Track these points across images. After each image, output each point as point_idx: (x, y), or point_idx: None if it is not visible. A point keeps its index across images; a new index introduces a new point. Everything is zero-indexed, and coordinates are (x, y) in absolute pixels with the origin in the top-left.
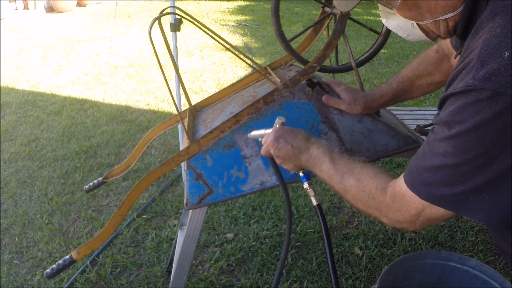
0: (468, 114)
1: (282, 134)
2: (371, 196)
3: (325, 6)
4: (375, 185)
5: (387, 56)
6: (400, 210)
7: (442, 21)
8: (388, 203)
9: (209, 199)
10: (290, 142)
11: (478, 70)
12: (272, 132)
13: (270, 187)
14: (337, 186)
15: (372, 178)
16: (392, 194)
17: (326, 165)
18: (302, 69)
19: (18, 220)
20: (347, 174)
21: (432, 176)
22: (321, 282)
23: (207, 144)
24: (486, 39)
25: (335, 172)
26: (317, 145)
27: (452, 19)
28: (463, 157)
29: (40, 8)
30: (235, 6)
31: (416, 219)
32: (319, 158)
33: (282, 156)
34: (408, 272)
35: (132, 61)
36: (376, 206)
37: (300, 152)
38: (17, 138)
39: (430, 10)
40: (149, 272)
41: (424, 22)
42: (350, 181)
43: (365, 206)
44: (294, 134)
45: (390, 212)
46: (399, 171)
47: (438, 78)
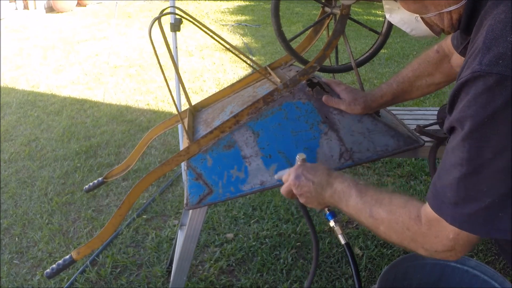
0: (479, 106)
1: (302, 171)
2: (405, 227)
3: (325, 6)
4: (408, 215)
5: (387, 56)
6: (438, 236)
7: (446, 14)
8: (424, 231)
9: (209, 199)
10: (311, 179)
11: (484, 55)
12: (293, 170)
13: (270, 187)
14: (367, 221)
15: (403, 208)
16: (426, 221)
17: (353, 199)
18: (302, 69)
19: (18, 220)
20: (376, 206)
21: (456, 193)
22: (321, 282)
23: (207, 144)
24: (491, 25)
25: (363, 205)
26: (341, 179)
27: (456, 12)
28: (481, 157)
29: (40, 8)
30: (235, 6)
31: (455, 243)
32: (345, 192)
33: (305, 194)
34: (408, 272)
35: (132, 61)
36: (412, 236)
37: (323, 188)
38: (17, 138)
39: (434, 3)
40: (149, 272)
41: (428, 15)
42: (381, 214)
43: (399, 238)
44: (314, 170)
45: (427, 242)
46: (398, 171)
47: (438, 79)
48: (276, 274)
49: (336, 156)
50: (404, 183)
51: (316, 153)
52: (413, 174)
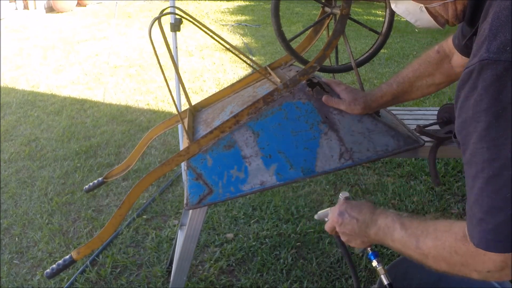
0: (491, 97)
1: (346, 209)
2: (453, 250)
3: (325, 6)
4: (454, 237)
5: (387, 56)
6: (486, 253)
7: (451, 4)
8: (473, 250)
9: (209, 199)
10: (355, 217)
11: (491, 42)
12: (336, 207)
13: (270, 187)
14: (415, 253)
15: (448, 232)
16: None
17: (397, 233)
18: (302, 69)
19: (18, 220)
20: (423, 237)
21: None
22: (321, 282)
23: (207, 144)
24: (496, 12)
25: (408, 238)
26: (384, 214)
27: (461, 3)
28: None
29: (40, 8)
30: (235, 6)
31: (506, 258)
32: (389, 227)
33: (348, 232)
34: (408, 272)
35: (132, 61)
36: (461, 260)
37: (367, 226)
38: (17, 138)
39: None
40: (149, 272)
41: (433, 5)
42: (427, 243)
43: (450, 265)
44: (359, 208)
45: (477, 262)
46: (398, 171)
47: (439, 79)
48: (276, 274)
49: (336, 156)
50: (404, 183)
51: (316, 153)
52: (413, 174)
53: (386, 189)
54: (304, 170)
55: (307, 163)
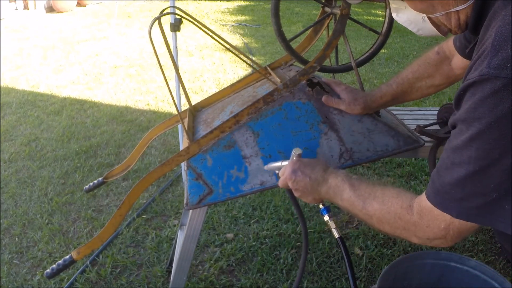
0: (486, 108)
1: (299, 166)
2: (397, 216)
3: (325, 6)
4: (400, 204)
5: (387, 56)
6: (429, 225)
7: (453, 14)
8: (416, 220)
9: (209, 199)
10: (308, 175)
11: (493, 58)
12: (289, 165)
13: (270, 187)
14: (361, 213)
15: (396, 198)
16: (418, 211)
17: (346, 193)
18: (302, 69)
19: (18, 220)
20: (370, 199)
21: (461, 190)
22: (321, 282)
23: (207, 144)
24: (500, 27)
25: (356, 198)
26: (335, 174)
27: (464, 12)
28: (489, 158)
29: (40, 8)
30: (235, 6)
31: (447, 233)
32: (339, 187)
33: (301, 189)
34: (408, 272)
35: (132, 61)
36: (404, 226)
37: (319, 184)
38: (17, 138)
39: (442, 2)
40: (149, 272)
41: (436, 15)
42: (374, 205)
43: (392, 228)
44: (311, 166)
45: (419, 230)
46: (398, 171)
47: (438, 81)
48: (276, 274)
49: (336, 156)
50: (404, 183)
51: (316, 153)
52: (413, 174)
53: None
54: None
55: None
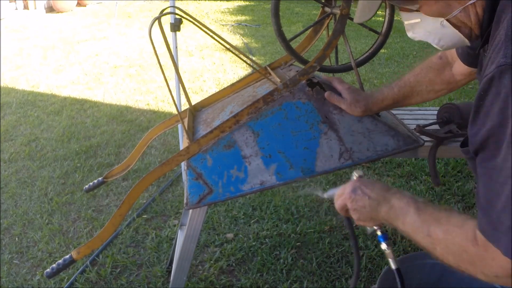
0: None
1: (359, 185)
2: (462, 248)
3: (325, 6)
4: (465, 235)
5: (387, 56)
6: (495, 259)
7: (471, 8)
8: (482, 253)
9: (209, 199)
10: (368, 193)
11: (508, 47)
12: (350, 184)
13: (270, 187)
14: (423, 240)
15: (460, 228)
16: (482, 243)
17: (410, 216)
18: (302, 69)
19: (18, 220)
20: (434, 226)
21: (509, 215)
22: (321, 282)
23: (207, 144)
24: (509, 18)
25: (421, 224)
26: (399, 195)
27: (479, 5)
28: None
29: (40, 8)
30: (235, 6)
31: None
32: (402, 209)
33: (359, 209)
34: (408, 272)
35: (132, 61)
36: (470, 259)
37: (379, 203)
38: (17, 138)
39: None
40: (149, 272)
41: (454, 13)
42: (438, 234)
43: (457, 261)
44: (372, 185)
45: (485, 266)
46: (398, 171)
47: (439, 86)
48: (276, 274)
49: (336, 156)
50: (404, 183)
51: (316, 153)
52: (413, 174)
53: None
54: (304, 170)
55: (307, 163)
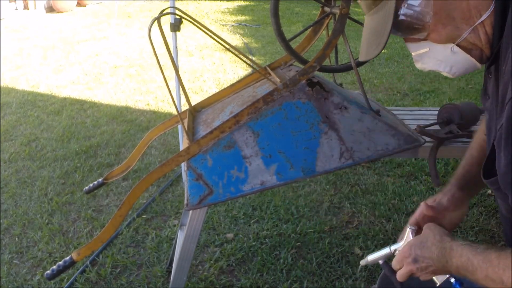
0: None
1: (415, 253)
2: None
3: (325, 6)
4: None
5: (387, 56)
6: None
7: (480, 28)
8: None
9: (209, 200)
10: (429, 257)
11: None
12: (405, 256)
13: (270, 187)
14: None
15: None
16: None
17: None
18: (301, 69)
19: (18, 220)
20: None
21: None
22: (321, 282)
23: (207, 144)
24: None
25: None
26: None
27: (489, 22)
28: None
29: (40, 8)
30: (235, 6)
31: None
32: (467, 268)
33: (430, 273)
34: None
35: (132, 61)
36: None
37: (446, 262)
38: (17, 138)
39: (465, 17)
40: (149, 272)
41: (463, 36)
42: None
43: None
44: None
45: None
46: (398, 171)
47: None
48: (276, 274)
49: (337, 155)
50: (404, 183)
51: (317, 152)
52: (413, 174)
53: (386, 189)
54: (305, 169)
55: (307, 163)
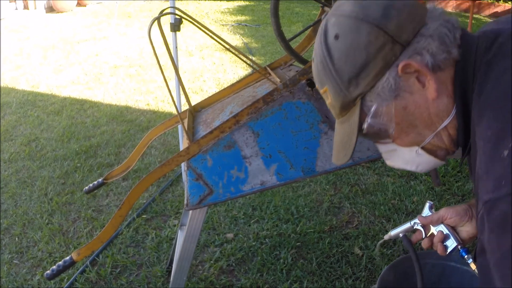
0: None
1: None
2: None
3: (325, 6)
4: None
5: None
6: None
7: (443, 132)
8: None
9: (209, 200)
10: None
11: (485, 182)
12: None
13: (271, 187)
14: None
15: None
16: None
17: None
18: (301, 69)
19: (18, 220)
20: None
21: None
22: (321, 282)
23: (207, 144)
24: (481, 146)
25: None
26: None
27: (452, 126)
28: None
29: (40, 8)
30: (235, 6)
31: None
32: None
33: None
34: (408, 272)
35: (132, 61)
36: None
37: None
38: (17, 138)
39: (427, 124)
40: (149, 272)
41: (427, 141)
42: None
43: None
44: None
45: None
46: (399, 171)
47: None
48: (276, 274)
49: None
50: (404, 183)
51: (317, 152)
52: (413, 174)
53: (386, 189)
54: (305, 169)
55: (307, 163)
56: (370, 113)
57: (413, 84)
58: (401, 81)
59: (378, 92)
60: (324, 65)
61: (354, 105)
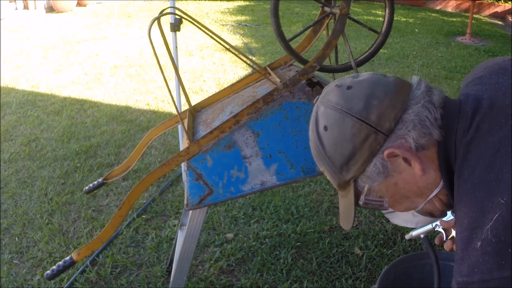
0: None
1: None
2: None
3: (325, 6)
4: None
5: (387, 56)
6: None
7: (435, 199)
8: None
9: (209, 200)
10: None
11: (461, 267)
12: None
13: (271, 187)
14: None
15: None
16: None
17: None
18: (301, 69)
19: (18, 220)
20: None
21: None
22: (321, 282)
23: (207, 144)
24: (458, 233)
25: None
26: None
27: (442, 193)
28: None
29: (40, 8)
30: (235, 6)
31: None
32: None
33: None
34: (408, 272)
35: (132, 61)
36: None
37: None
38: (17, 138)
39: (418, 195)
40: (149, 272)
41: (420, 207)
42: None
43: None
44: None
45: None
46: None
47: None
48: (276, 274)
49: None
50: None
51: None
52: None
53: None
54: (305, 169)
55: (307, 163)
56: (364, 192)
57: (400, 165)
58: (389, 164)
59: (368, 175)
60: (318, 151)
61: (349, 185)
